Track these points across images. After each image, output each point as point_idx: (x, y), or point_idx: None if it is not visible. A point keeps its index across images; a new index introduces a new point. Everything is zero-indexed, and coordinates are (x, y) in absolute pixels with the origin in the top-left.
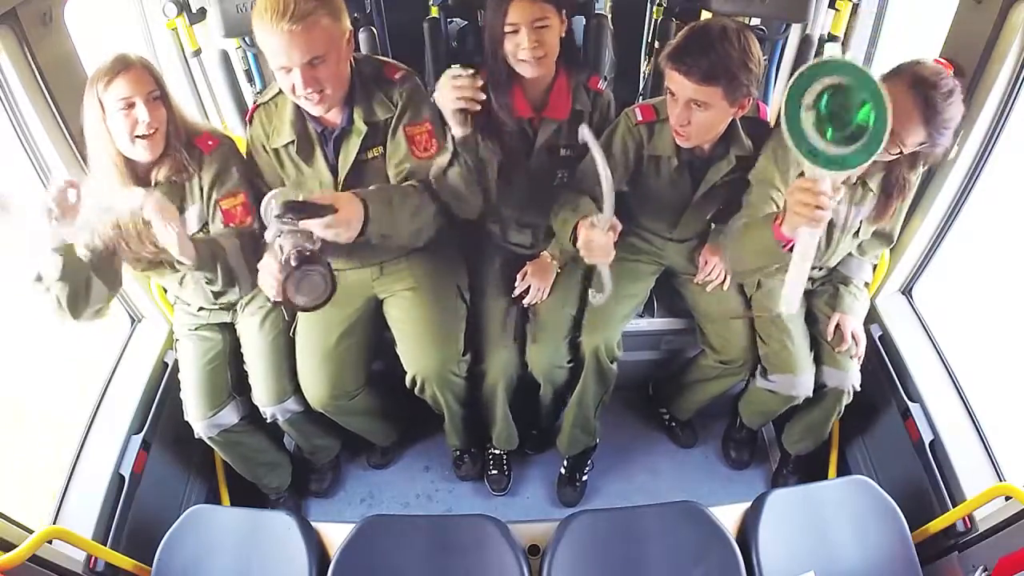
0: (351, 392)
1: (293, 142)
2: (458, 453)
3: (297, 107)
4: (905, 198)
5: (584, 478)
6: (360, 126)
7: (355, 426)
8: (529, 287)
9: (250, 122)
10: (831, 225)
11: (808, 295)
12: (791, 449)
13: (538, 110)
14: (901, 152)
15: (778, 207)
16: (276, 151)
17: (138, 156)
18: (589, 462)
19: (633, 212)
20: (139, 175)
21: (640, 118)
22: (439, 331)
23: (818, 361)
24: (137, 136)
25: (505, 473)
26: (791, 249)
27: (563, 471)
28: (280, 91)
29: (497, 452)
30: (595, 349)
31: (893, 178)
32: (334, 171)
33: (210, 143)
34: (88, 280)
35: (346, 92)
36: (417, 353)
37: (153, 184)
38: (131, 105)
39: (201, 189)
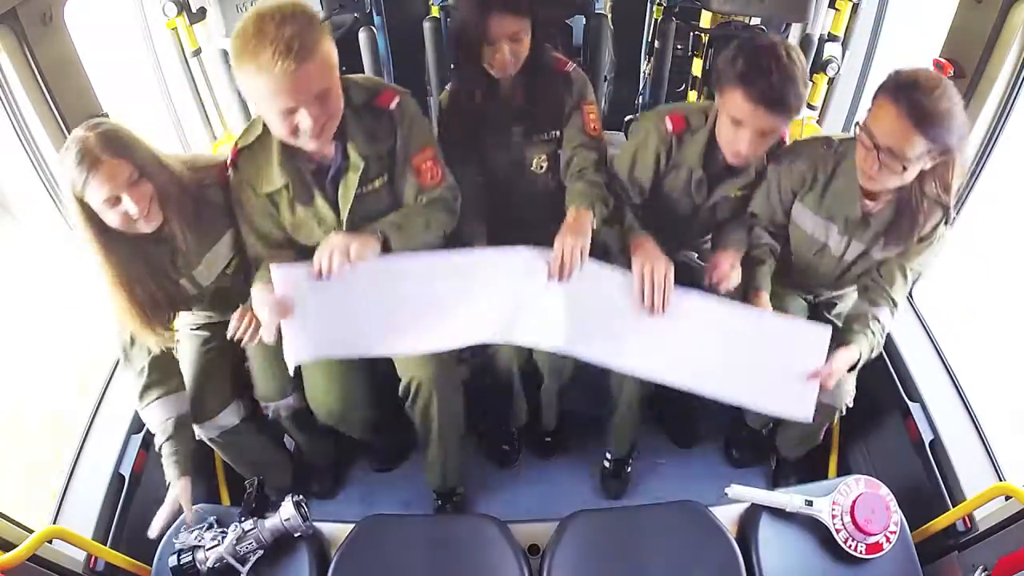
0: (359, 405)
1: (287, 185)
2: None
3: (284, 147)
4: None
5: (628, 469)
6: (356, 161)
7: (362, 435)
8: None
9: (234, 167)
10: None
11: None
12: (787, 453)
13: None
14: (905, 169)
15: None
16: (269, 195)
17: (141, 229)
18: (635, 451)
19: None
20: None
21: (671, 128)
22: None
23: None
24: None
25: (516, 448)
26: None
27: (607, 465)
28: (263, 131)
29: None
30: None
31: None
32: (335, 207)
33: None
34: None
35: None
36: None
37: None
38: (117, 200)
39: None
